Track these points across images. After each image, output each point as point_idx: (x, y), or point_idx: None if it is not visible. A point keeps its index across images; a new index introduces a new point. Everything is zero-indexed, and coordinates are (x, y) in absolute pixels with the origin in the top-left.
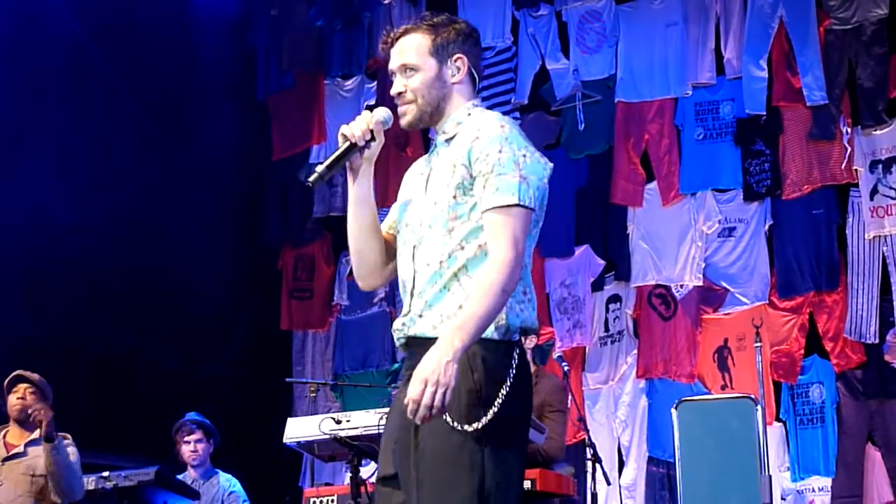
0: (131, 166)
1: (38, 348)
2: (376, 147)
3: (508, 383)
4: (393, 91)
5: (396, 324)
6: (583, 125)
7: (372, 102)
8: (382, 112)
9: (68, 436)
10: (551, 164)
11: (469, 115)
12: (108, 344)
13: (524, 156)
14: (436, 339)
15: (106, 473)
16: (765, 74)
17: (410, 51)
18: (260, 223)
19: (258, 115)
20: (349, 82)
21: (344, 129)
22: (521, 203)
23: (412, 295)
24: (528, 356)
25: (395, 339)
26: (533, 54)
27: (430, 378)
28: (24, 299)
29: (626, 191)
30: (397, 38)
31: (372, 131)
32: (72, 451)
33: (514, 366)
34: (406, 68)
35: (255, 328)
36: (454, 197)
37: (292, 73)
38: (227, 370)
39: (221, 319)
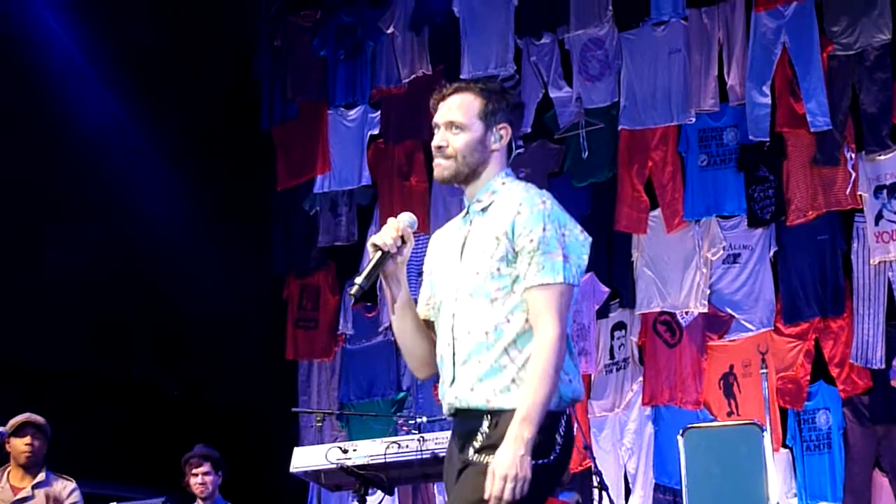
0: (137, 196)
1: (46, 378)
2: (408, 250)
3: (555, 453)
4: (434, 143)
5: (448, 396)
6: (586, 153)
7: (375, 132)
8: (407, 217)
9: (72, 479)
10: (590, 239)
11: (503, 184)
12: (116, 374)
13: (564, 235)
14: (488, 411)
15: None
16: (768, 101)
17: (461, 109)
18: (265, 253)
19: (263, 145)
20: (353, 112)
21: (374, 239)
22: (566, 282)
23: (454, 363)
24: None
25: (445, 410)
26: (536, 82)
27: (509, 474)
28: (31, 329)
29: (630, 218)
30: (450, 94)
31: (402, 237)
32: (73, 499)
33: (562, 437)
34: (453, 125)
35: (261, 358)
36: (498, 269)
37: (296, 103)
38: (233, 400)
39: (227, 349)
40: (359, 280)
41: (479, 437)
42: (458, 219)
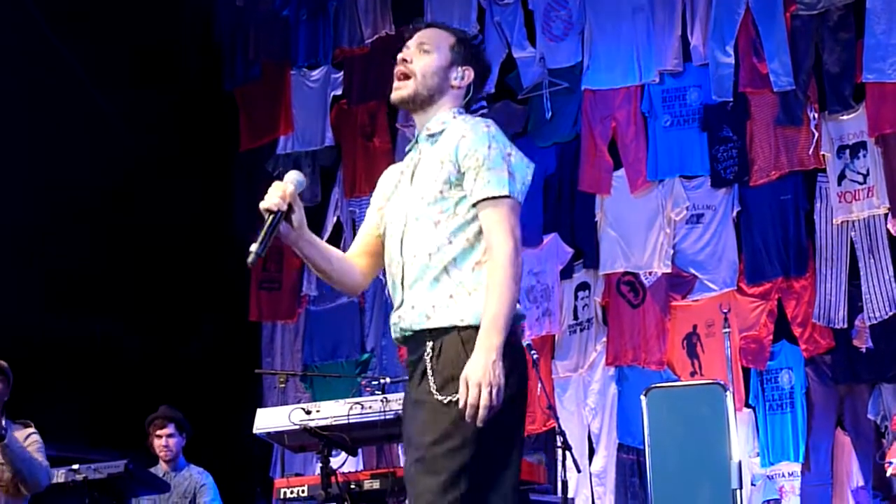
0: (97, 156)
1: (5, 337)
2: (300, 212)
3: (511, 385)
4: (400, 55)
5: (393, 318)
6: (550, 113)
7: (338, 93)
8: (293, 175)
9: (30, 423)
10: (533, 165)
11: (454, 117)
12: (77, 335)
13: (510, 154)
14: (431, 329)
15: (76, 466)
16: (731, 61)
17: (434, 36)
18: (228, 214)
19: (225, 106)
20: (316, 72)
21: (262, 204)
22: (512, 195)
23: (402, 286)
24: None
25: (393, 334)
26: (499, 43)
27: (483, 380)
28: None
29: (594, 178)
30: (426, 27)
31: (290, 196)
32: (32, 440)
33: (518, 367)
34: (423, 46)
35: (224, 319)
36: (440, 192)
37: (259, 64)
38: (195, 361)
39: (190, 311)
40: (253, 247)
41: (428, 371)
42: (407, 154)
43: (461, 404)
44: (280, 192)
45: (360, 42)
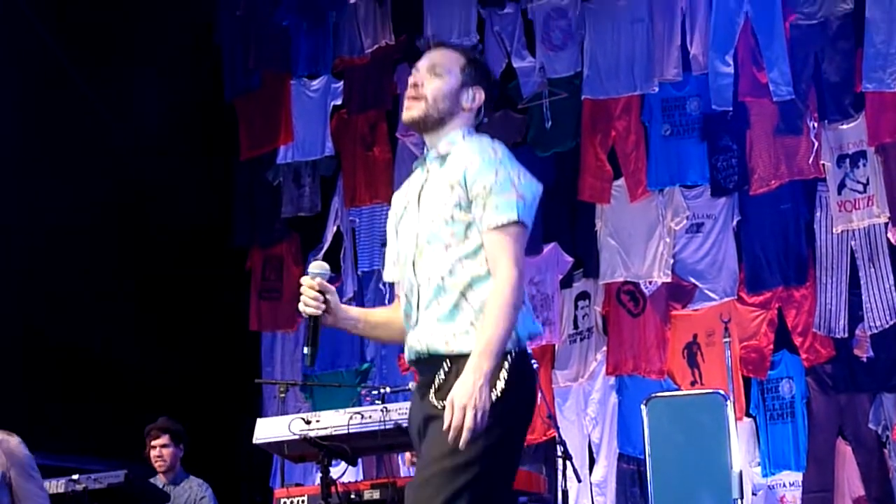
0: (98, 167)
1: (6, 348)
2: (333, 297)
3: (500, 388)
4: (411, 80)
5: (410, 339)
6: (550, 123)
7: (338, 103)
8: (316, 268)
9: (14, 435)
10: (541, 186)
11: (463, 138)
12: (77, 344)
13: (518, 176)
14: (448, 355)
15: (75, 476)
16: (731, 70)
17: (444, 57)
18: (228, 224)
19: (225, 116)
20: (316, 82)
21: (302, 309)
22: (521, 220)
23: (418, 308)
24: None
25: (407, 355)
26: (499, 52)
27: (468, 403)
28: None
29: (594, 188)
30: (436, 47)
31: (321, 292)
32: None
33: (507, 370)
34: (434, 68)
35: (224, 329)
36: (452, 217)
37: (259, 74)
38: (196, 371)
39: (190, 320)
40: (306, 350)
41: (437, 381)
42: (415, 171)
43: (444, 426)
44: (313, 294)
45: (360, 52)
